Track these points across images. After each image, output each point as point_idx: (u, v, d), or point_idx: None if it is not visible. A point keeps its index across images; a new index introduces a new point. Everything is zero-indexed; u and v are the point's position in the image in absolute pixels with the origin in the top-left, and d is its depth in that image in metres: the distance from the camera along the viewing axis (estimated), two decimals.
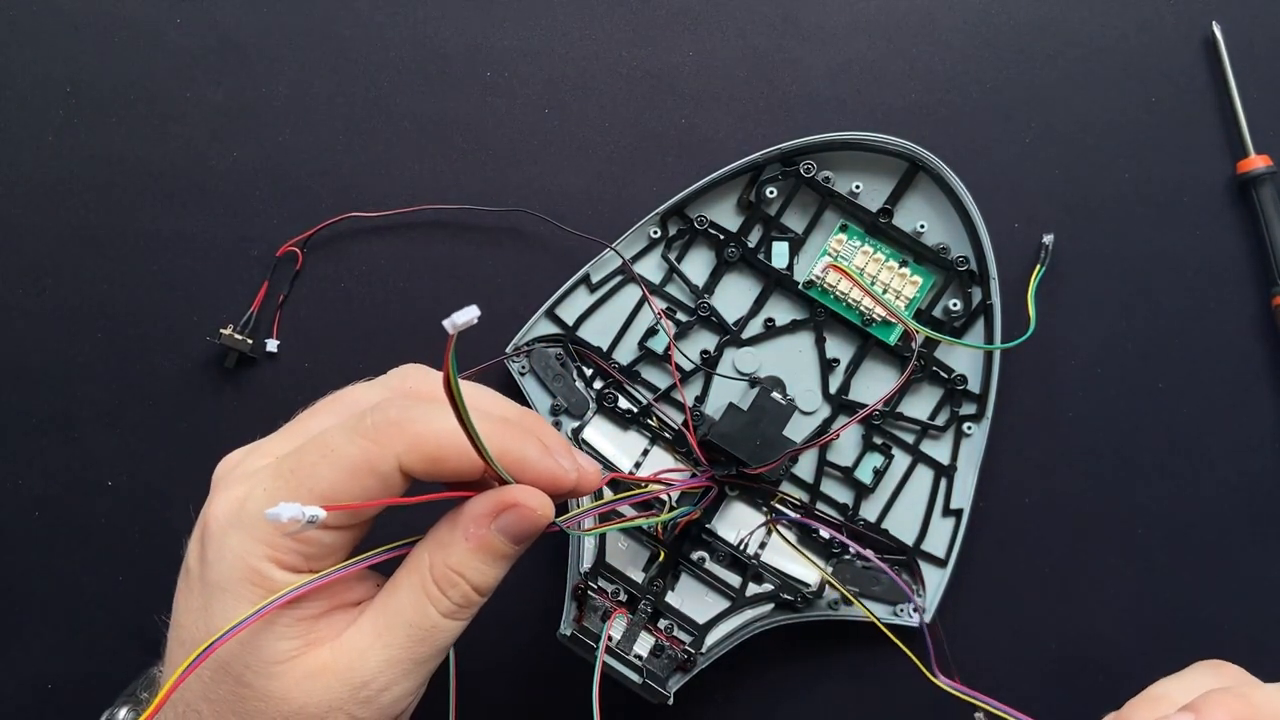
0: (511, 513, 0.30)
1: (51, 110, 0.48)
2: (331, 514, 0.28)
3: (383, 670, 0.29)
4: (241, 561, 0.29)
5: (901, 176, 0.44)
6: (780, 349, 0.45)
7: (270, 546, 0.29)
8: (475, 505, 0.30)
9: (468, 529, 0.30)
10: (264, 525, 0.28)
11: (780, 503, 0.45)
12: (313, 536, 0.29)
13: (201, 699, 0.29)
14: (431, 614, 0.30)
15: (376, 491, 0.29)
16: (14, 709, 0.47)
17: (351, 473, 0.28)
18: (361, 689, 0.29)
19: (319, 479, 0.29)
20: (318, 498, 0.28)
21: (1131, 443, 0.47)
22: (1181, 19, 0.48)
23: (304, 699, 0.29)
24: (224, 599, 0.29)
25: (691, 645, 0.43)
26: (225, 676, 0.29)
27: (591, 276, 0.45)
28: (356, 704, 0.29)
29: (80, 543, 0.47)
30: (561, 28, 0.48)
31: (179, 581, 0.31)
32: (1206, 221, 0.47)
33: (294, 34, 0.48)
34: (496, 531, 0.30)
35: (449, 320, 0.22)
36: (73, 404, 0.47)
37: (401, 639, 0.30)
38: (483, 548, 0.30)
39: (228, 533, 0.29)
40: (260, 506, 0.29)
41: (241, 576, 0.29)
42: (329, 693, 0.29)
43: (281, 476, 0.29)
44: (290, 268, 0.48)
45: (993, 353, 0.44)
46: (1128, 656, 0.46)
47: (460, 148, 0.48)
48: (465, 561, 0.30)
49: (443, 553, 0.30)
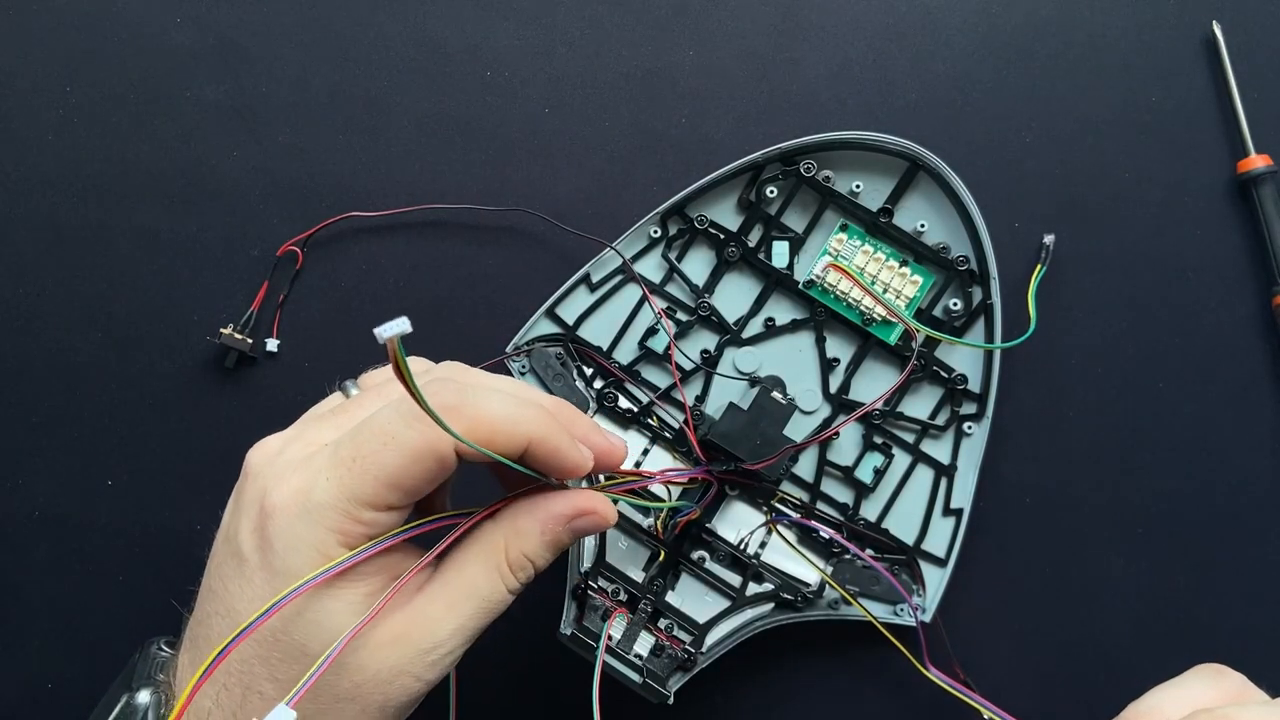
0: (588, 518, 0.34)
1: (51, 110, 0.48)
2: (393, 496, 0.31)
3: (452, 636, 0.32)
4: (314, 549, 0.30)
5: (901, 176, 0.44)
6: (780, 348, 0.45)
7: (340, 533, 0.31)
8: (557, 505, 0.34)
9: (546, 523, 0.34)
10: (333, 514, 0.30)
11: (780, 502, 0.45)
12: (375, 520, 0.31)
13: (266, 679, 0.31)
14: (501, 590, 0.33)
15: (436, 472, 0.31)
16: (14, 709, 0.46)
17: (414, 457, 0.30)
18: (431, 652, 0.32)
19: (383, 465, 0.30)
20: (380, 483, 0.30)
21: (1131, 443, 0.47)
22: (1181, 19, 0.48)
23: (377, 665, 0.31)
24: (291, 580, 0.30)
25: (692, 645, 0.43)
26: (300, 656, 0.31)
27: (591, 276, 0.45)
28: (424, 666, 0.32)
29: (80, 543, 0.47)
30: (561, 28, 0.48)
31: (226, 569, 0.32)
32: (1206, 221, 0.47)
33: (294, 34, 0.48)
34: (568, 530, 0.34)
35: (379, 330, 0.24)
36: (73, 404, 0.47)
37: (472, 609, 0.32)
38: (554, 541, 0.34)
39: (295, 523, 0.31)
40: (327, 496, 0.31)
41: (314, 562, 0.30)
42: (400, 658, 0.31)
43: (344, 464, 0.31)
44: (290, 268, 0.48)
45: (993, 352, 0.44)
46: (1128, 656, 0.46)
47: (460, 148, 0.48)
48: (538, 550, 0.34)
49: (519, 540, 0.33)
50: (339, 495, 0.31)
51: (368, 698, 0.31)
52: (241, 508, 0.33)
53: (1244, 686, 0.34)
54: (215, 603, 0.32)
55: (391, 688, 0.31)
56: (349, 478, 0.31)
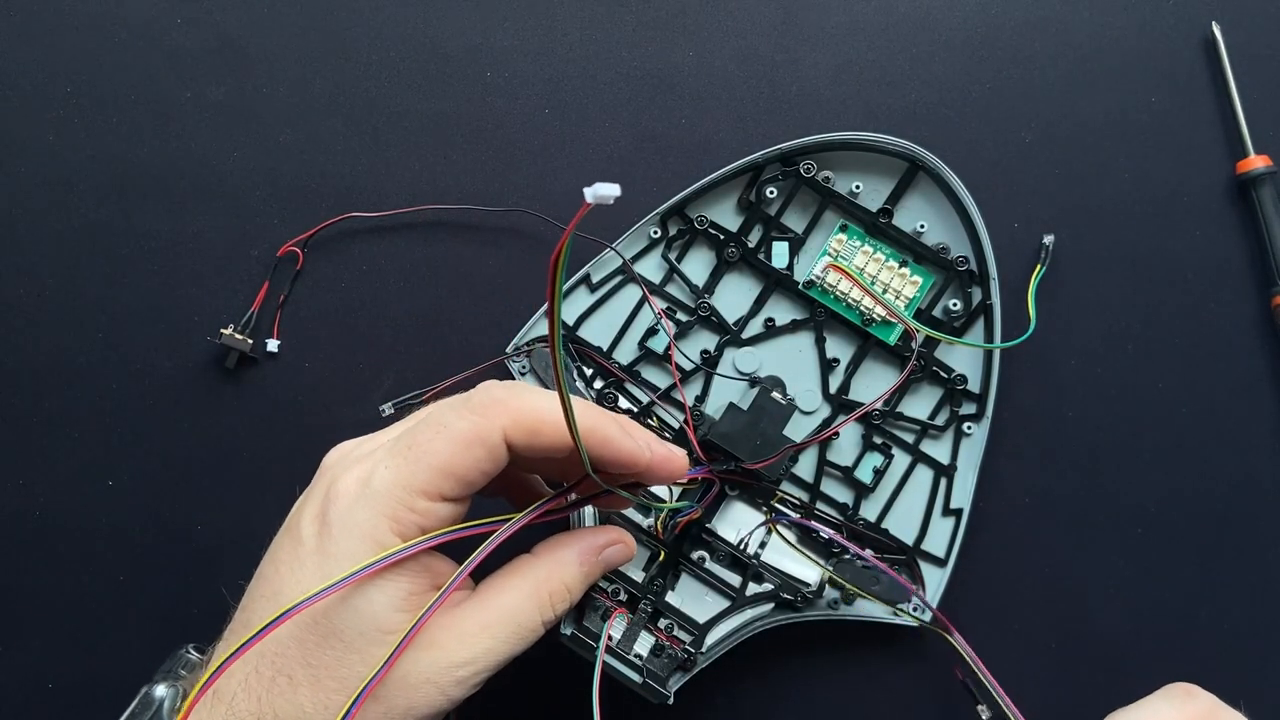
0: (617, 548, 0.37)
1: (51, 110, 0.48)
2: (447, 485, 0.32)
3: (480, 657, 0.33)
4: (368, 536, 0.32)
5: (901, 176, 0.44)
6: (780, 349, 0.45)
7: (394, 520, 0.32)
8: (590, 538, 0.36)
9: (583, 555, 0.36)
10: (389, 501, 0.32)
11: (780, 502, 0.45)
12: (430, 509, 0.32)
13: (299, 664, 0.31)
14: (537, 619, 0.34)
15: (484, 461, 0.32)
16: (14, 709, 0.46)
17: (464, 445, 0.32)
18: (459, 668, 0.32)
19: (435, 453, 0.32)
20: (436, 470, 0.32)
21: (1131, 443, 0.47)
22: (1181, 19, 0.48)
23: (407, 668, 0.32)
24: (348, 566, 0.31)
25: (692, 645, 0.43)
26: (334, 642, 0.31)
27: (592, 276, 0.45)
28: (450, 681, 0.32)
29: (80, 543, 0.47)
30: (561, 28, 0.48)
31: (282, 554, 0.33)
32: (1206, 221, 0.48)
33: (294, 34, 0.48)
34: (600, 561, 0.36)
35: (589, 189, 0.23)
36: (73, 404, 0.47)
37: (506, 634, 0.33)
38: (589, 574, 0.36)
39: (353, 508, 0.32)
40: (384, 482, 0.32)
41: (367, 548, 0.31)
42: (430, 667, 0.32)
43: (399, 453, 0.32)
44: (290, 268, 0.48)
45: (993, 352, 0.44)
46: (1127, 656, 0.46)
47: (460, 148, 0.48)
48: (576, 581, 0.35)
49: (560, 570, 0.35)
50: (395, 482, 0.32)
51: (392, 699, 0.32)
52: (309, 498, 0.34)
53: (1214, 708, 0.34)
54: (264, 586, 0.33)
55: (416, 694, 0.32)
56: (405, 465, 0.32)
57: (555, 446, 0.33)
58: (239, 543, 0.35)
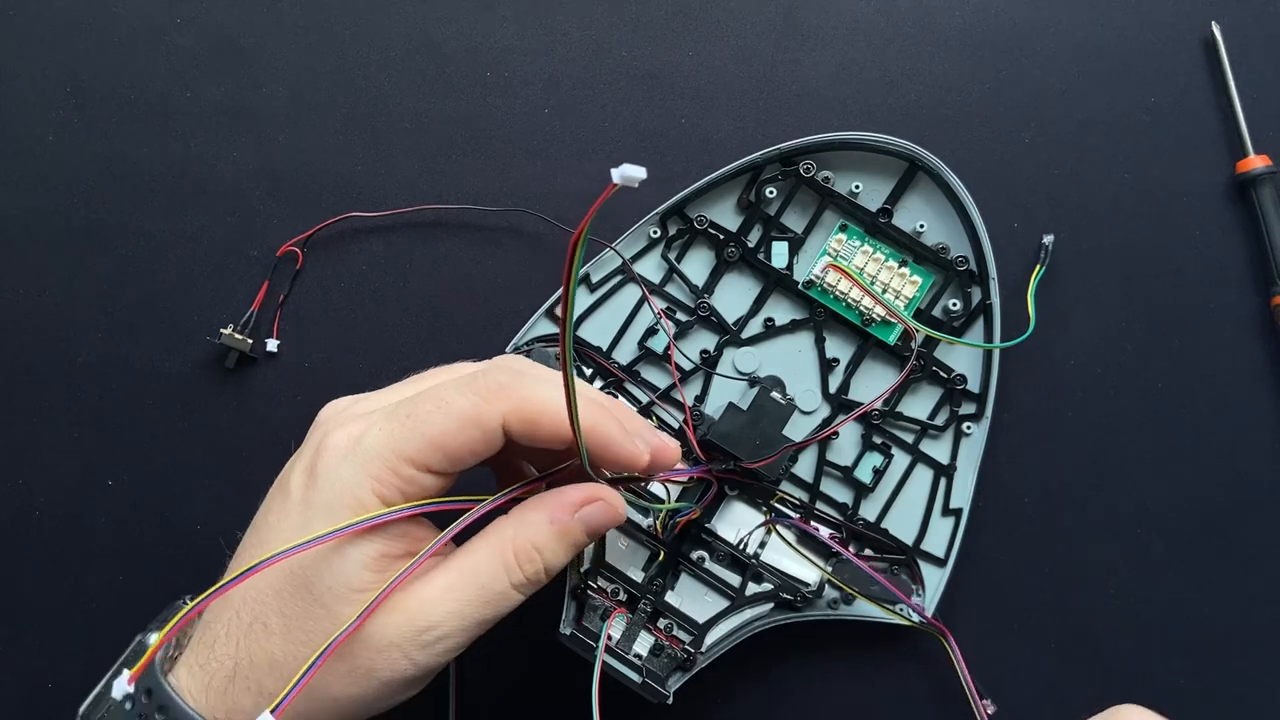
0: (596, 506, 0.34)
1: (51, 110, 0.48)
2: (435, 458, 0.32)
3: (445, 620, 0.32)
4: (349, 490, 0.32)
5: (901, 176, 0.44)
6: (780, 349, 0.45)
7: (378, 481, 0.32)
8: (564, 493, 0.34)
9: (554, 513, 0.34)
10: (374, 461, 0.32)
11: (780, 502, 0.45)
12: (415, 478, 0.32)
13: (274, 612, 0.32)
14: (503, 581, 0.33)
15: (478, 442, 0.32)
16: (14, 709, 0.47)
17: (461, 423, 0.32)
18: (423, 633, 0.32)
19: (432, 425, 0.32)
20: (428, 441, 0.32)
21: (1131, 443, 0.47)
22: (1181, 19, 0.48)
23: (370, 629, 0.32)
24: (325, 519, 0.32)
25: (691, 644, 0.43)
26: (304, 594, 0.32)
27: (591, 276, 0.45)
28: (415, 646, 0.32)
29: (80, 542, 0.47)
30: (561, 28, 0.48)
31: (272, 504, 0.34)
32: (1206, 221, 0.47)
33: (294, 34, 0.48)
34: (578, 520, 0.34)
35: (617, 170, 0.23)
36: (73, 404, 0.47)
37: (470, 596, 0.33)
38: (563, 532, 0.34)
39: (341, 463, 0.32)
40: (375, 443, 0.32)
41: (346, 503, 0.32)
42: (393, 629, 0.32)
43: (398, 419, 0.33)
44: (290, 268, 0.48)
45: (992, 352, 0.44)
46: (1127, 656, 0.46)
47: (460, 148, 0.48)
48: (546, 542, 0.34)
49: (527, 530, 0.34)
50: (385, 445, 0.32)
51: (356, 659, 0.32)
52: (301, 452, 0.35)
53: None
54: (253, 535, 0.34)
55: (380, 657, 0.32)
56: (399, 431, 0.32)
57: (553, 440, 0.33)
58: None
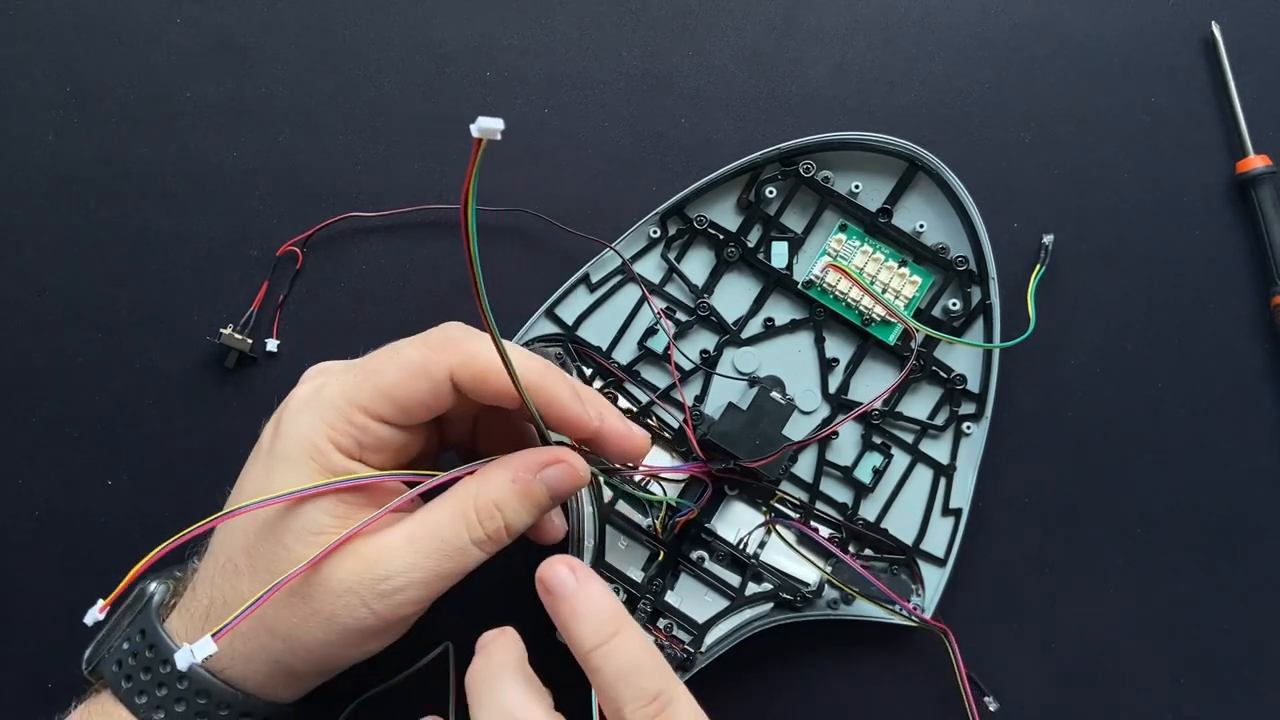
0: (558, 466, 0.35)
1: (51, 110, 0.48)
2: (387, 408, 0.34)
3: (404, 571, 0.33)
4: (306, 438, 0.34)
5: (901, 176, 0.44)
6: (780, 348, 0.45)
7: (332, 428, 0.34)
8: (527, 454, 0.35)
9: (516, 472, 0.34)
10: (330, 409, 0.34)
11: (780, 502, 0.45)
12: (368, 426, 0.34)
13: (243, 553, 0.34)
14: (463, 536, 0.34)
15: (426, 394, 0.34)
16: (14, 709, 0.47)
17: (411, 373, 0.33)
18: (381, 581, 0.33)
19: (383, 375, 0.34)
20: (379, 391, 0.33)
21: (1131, 442, 0.47)
22: (1181, 19, 0.48)
23: (329, 572, 0.33)
24: (285, 467, 0.34)
25: (691, 644, 0.43)
26: (269, 536, 0.33)
27: (591, 276, 0.45)
28: (373, 594, 0.33)
29: (80, 543, 0.47)
30: (561, 28, 0.48)
31: (251, 456, 0.36)
32: (1206, 221, 0.47)
33: (294, 34, 0.48)
34: (540, 481, 0.35)
35: (474, 125, 0.23)
36: (73, 404, 0.47)
37: (430, 549, 0.33)
38: (525, 492, 0.34)
39: (300, 413, 0.34)
40: (331, 393, 0.34)
41: (303, 451, 0.33)
42: (351, 575, 0.33)
43: (353, 371, 0.35)
44: (290, 268, 0.48)
45: (992, 352, 0.44)
46: (1127, 656, 0.46)
47: (460, 148, 0.48)
48: (507, 500, 0.34)
49: (489, 487, 0.34)
50: (340, 394, 0.34)
51: (317, 602, 0.33)
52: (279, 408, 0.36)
53: None
54: (237, 484, 0.36)
55: (339, 602, 0.33)
56: (353, 381, 0.34)
57: (502, 395, 0.34)
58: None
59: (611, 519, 0.43)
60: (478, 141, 0.24)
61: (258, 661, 0.34)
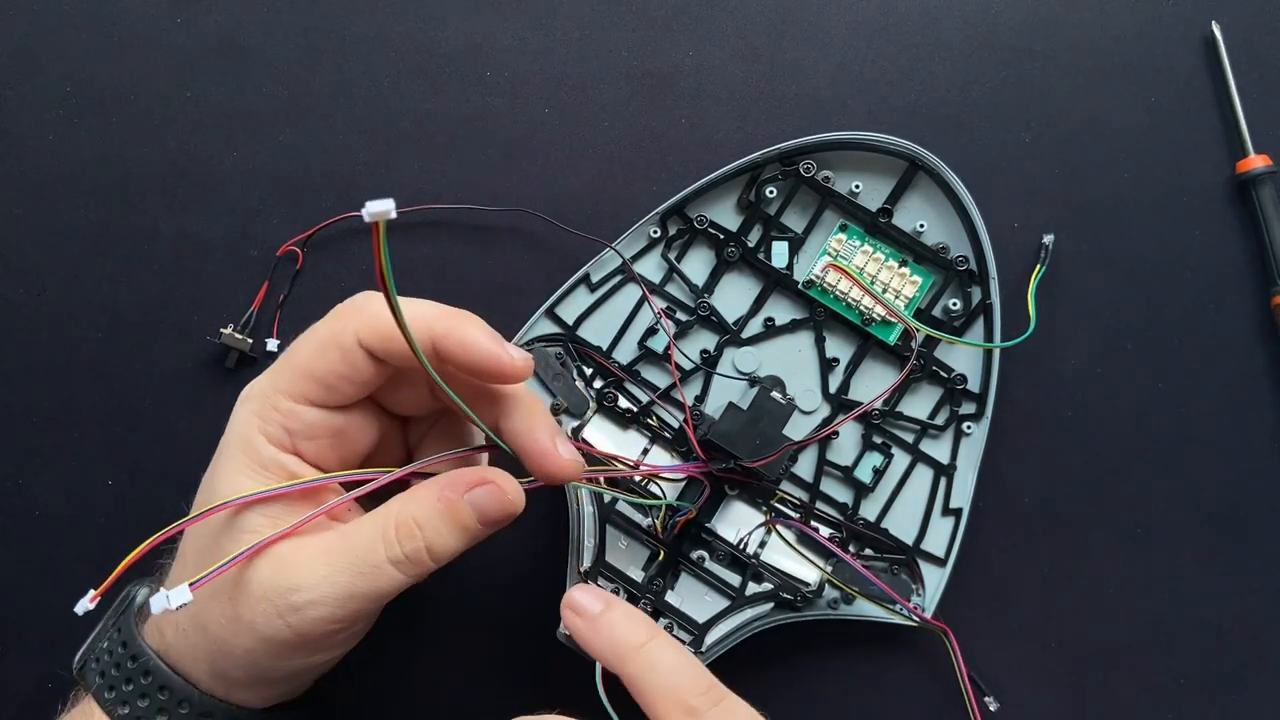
0: (485, 488, 0.33)
1: (51, 110, 0.48)
2: (306, 386, 0.33)
3: (317, 585, 0.32)
4: (239, 432, 0.34)
5: (901, 176, 0.44)
6: (780, 348, 0.45)
7: (260, 419, 0.34)
8: (455, 474, 0.33)
9: (442, 491, 0.33)
10: (256, 399, 0.34)
11: (780, 502, 0.45)
12: (293, 410, 0.34)
13: (192, 549, 0.34)
14: (379, 554, 0.32)
15: (339, 363, 0.33)
16: (14, 709, 0.47)
17: (322, 345, 0.33)
18: (292, 593, 0.31)
19: (298, 354, 0.34)
20: (296, 370, 0.34)
21: (1131, 443, 0.47)
22: (1181, 19, 0.48)
23: (250, 574, 0.32)
24: (222, 459, 0.34)
25: (691, 644, 0.43)
26: (209, 532, 0.33)
27: (591, 276, 0.45)
28: (285, 605, 0.32)
29: (80, 542, 0.47)
30: (561, 28, 0.48)
31: None
32: (1206, 221, 0.48)
33: (294, 34, 0.48)
34: (466, 502, 0.33)
35: (365, 210, 0.24)
36: (73, 404, 0.47)
37: (344, 564, 0.32)
38: (449, 512, 0.33)
39: (237, 409, 0.35)
40: (259, 383, 0.34)
41: (236, 445, 0.34)
42: (266, 583, 0.32)
43: (279, 359, 0.35)
44: (290, 268, 0.48)
45: (992, 352, 0.44)
46: (1127, 656, 0.46)
47: (460, 148, 0.48)
48: (429, 519, 0.33)
49: (412, 505, 0.33)
50: (266, 383, 0.34)
51: (240, 607, 0.32)
52: None
53: None
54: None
55: (257, 609, 0.32)
56: (276, 367, 0.34)
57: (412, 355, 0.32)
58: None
59: (612, 519, 0.43)
60: (375, 225, 0.24)
61: (200, 661, 0.34)
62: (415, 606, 0.47)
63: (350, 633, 0.34)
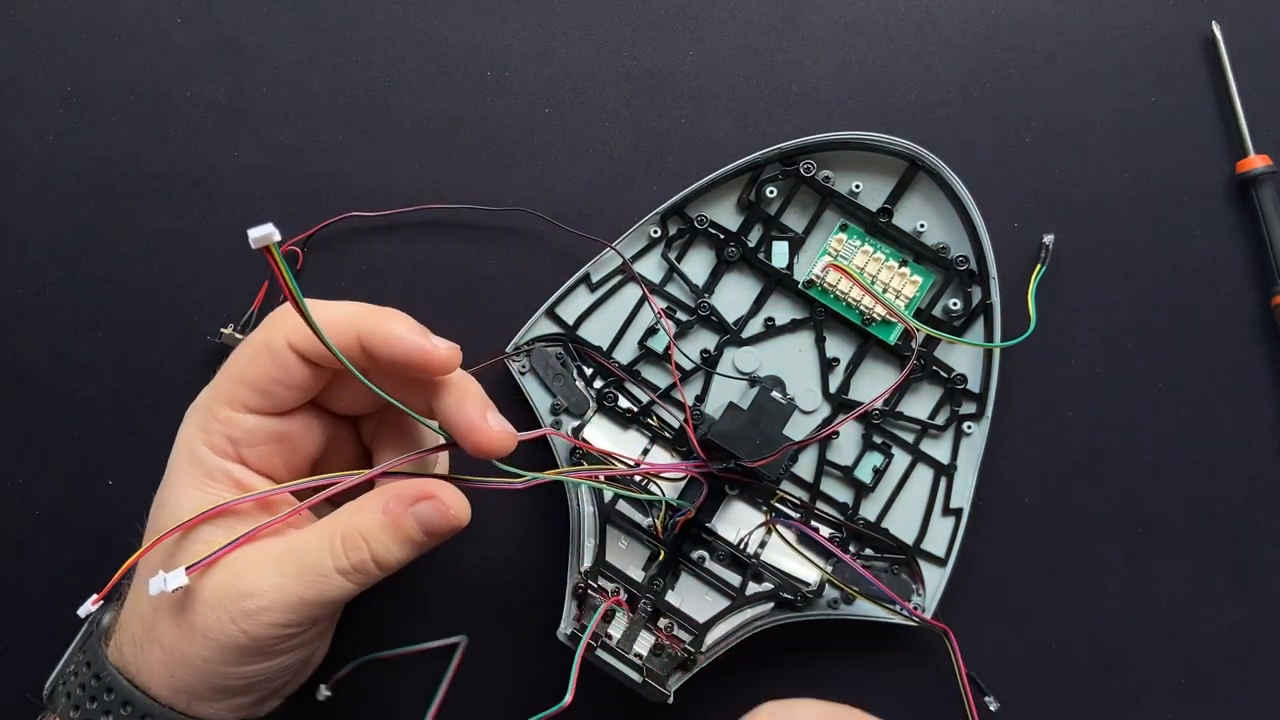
0: (429, 503, 0.33)
1: (51, 110, 0.48)
2: (243, 394, 0.34)
3: (268, 591, 0.32)
4: (184, 445, 0.35)
5: (901, 176, 0.44)
6: (780, 348, 0.45)
7: (203, 429, 0.34)
8: (401, 486, 0.34)
9: (388, 504, 0.34)
10: (200, 411, 0.35)
11: (780, 502, 0.45)
12: (232, 419, 0.34)
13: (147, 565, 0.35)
14: (326, 563, 0.33)
15: (272, 367, 0.34)
16: (14, 710, 0.46)
17: (253, 352, 0.34)
18: (244, 599, 0.32)
19: (234, 363, 0.35)
20: (232, 379, 0.34)
21: (1131, 443, 0.47)
22: (1181, 19, 0.48)
23: (204, 583, 0.33)
24: (171, 473, 0.35)
25: (691, 644, 0.43)
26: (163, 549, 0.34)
27: (591, 276, 0.45)
28: (238, 612, 0.32)
29: (80, 542, 0.47)
30: (561, 28, 0.48)
31: None
32: (1206, 221, 0.48)
33: (294, 34, 0.48)
34: (411, 515, 0.34)
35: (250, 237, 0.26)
36: (73, 404, 0.47)
37: (293, 571, 0.33)
38: (394, 525, 0.33)
39: (184, 422, 0.35)
40: (202, 396, 0.35)
41: (183, 456, 0.35)
42: (219, 589, 0.32)
43: (219, 372, 0.35)
44: (290, 268, 0.47)
45: (992, 352, 0.44)
46: (1127, 656, 0.46)
47: (460, 148, 0.48)
48: (374, 531, 0.33)
49: (359, 516, 0.34)
50: (207, 395, 0.35)
51: (194, 615, 0.33)
52: None
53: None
54: None
55: (211, 616, 0.32)
56: (216, 379, 0.35)
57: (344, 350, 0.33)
58: None
59: (612, 519, 0.43)
60: (265, 249, 0.25)
61: (157, 674, 0.34)
62: (415, 606, 0.47)
63: (305, 636, 0.34)
